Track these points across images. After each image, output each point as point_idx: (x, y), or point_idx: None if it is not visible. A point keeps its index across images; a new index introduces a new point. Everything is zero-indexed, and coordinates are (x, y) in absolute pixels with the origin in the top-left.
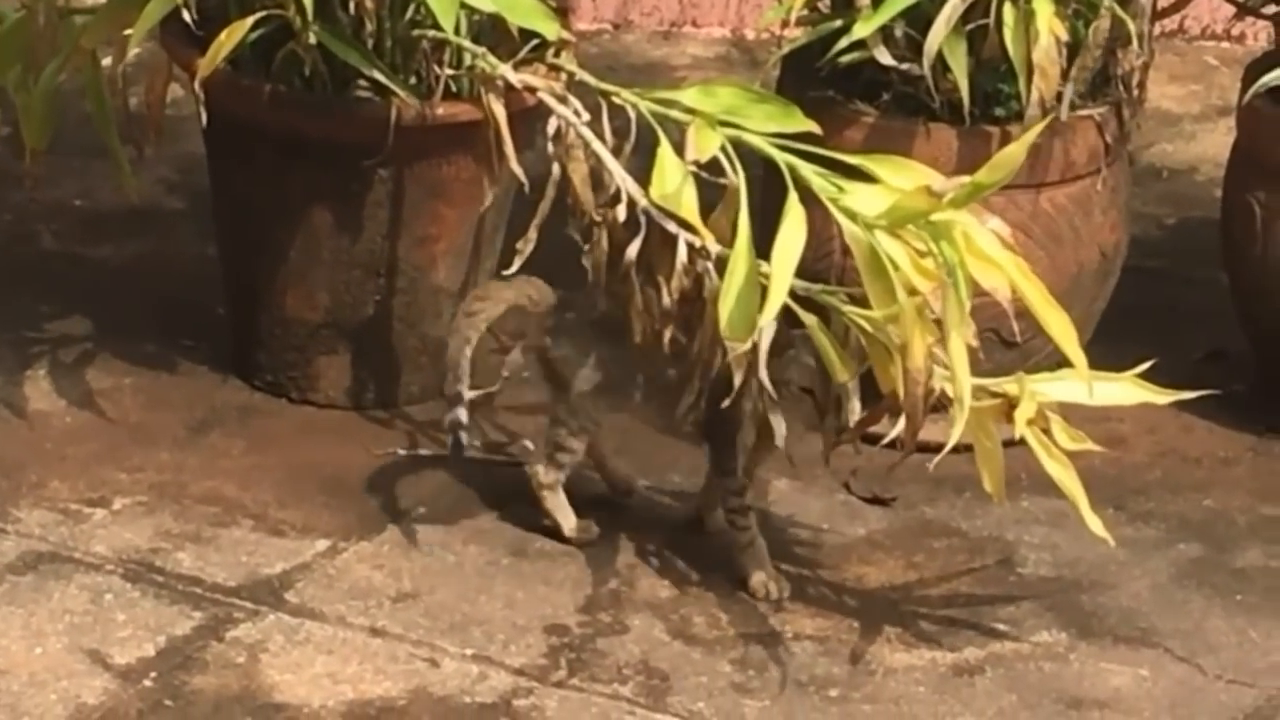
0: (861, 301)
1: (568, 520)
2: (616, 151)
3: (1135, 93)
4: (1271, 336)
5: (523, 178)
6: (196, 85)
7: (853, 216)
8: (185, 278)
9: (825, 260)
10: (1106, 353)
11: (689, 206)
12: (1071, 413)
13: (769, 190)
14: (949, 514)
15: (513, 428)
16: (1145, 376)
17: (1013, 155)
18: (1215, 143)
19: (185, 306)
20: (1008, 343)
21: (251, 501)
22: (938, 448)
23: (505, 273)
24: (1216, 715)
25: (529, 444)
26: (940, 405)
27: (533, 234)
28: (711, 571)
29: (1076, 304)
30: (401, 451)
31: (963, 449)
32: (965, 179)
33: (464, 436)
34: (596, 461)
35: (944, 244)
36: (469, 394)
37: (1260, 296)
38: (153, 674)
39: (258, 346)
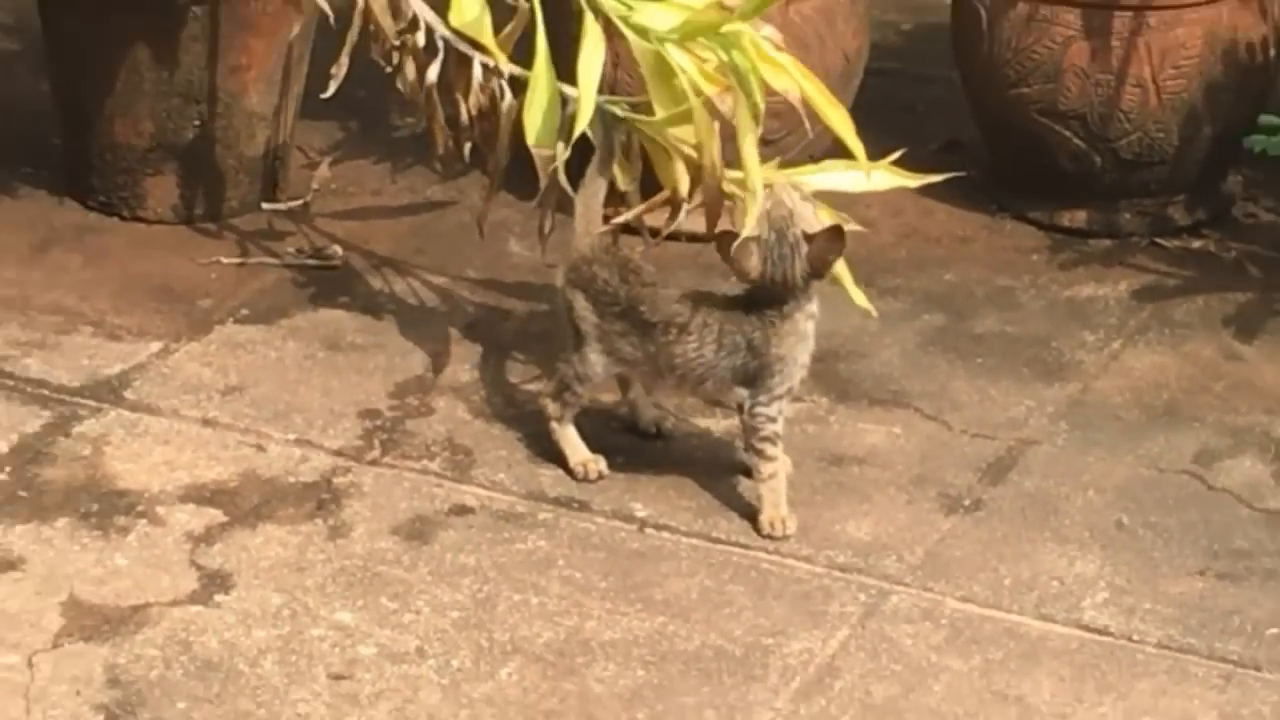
0: (644, 110)
1: (575, 454)
2: None
3: None
4: (999, 125)
5: (327, 9)
6: None
7: (642, 33)
8: (22, 112)
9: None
10: None
11: (485, 32)
12: (824, 200)
13: (555, 19)
14: None
15: (325, 233)
16: (893, 164)
17: None
18: None
19: (23, 138)
20: (765, 141)
21: (90, 310)
22: (705, 238)
23: (323, 96)
24: (962, 465)
25: (338, 249)
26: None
27: (344, 60)
28: (506, 356)
29: None
30: (224, 260)
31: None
32: None
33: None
34: (627, 402)
35: (735, 53)
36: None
37: (988, 90)
38: (7, 469)
39: (90, 171)
